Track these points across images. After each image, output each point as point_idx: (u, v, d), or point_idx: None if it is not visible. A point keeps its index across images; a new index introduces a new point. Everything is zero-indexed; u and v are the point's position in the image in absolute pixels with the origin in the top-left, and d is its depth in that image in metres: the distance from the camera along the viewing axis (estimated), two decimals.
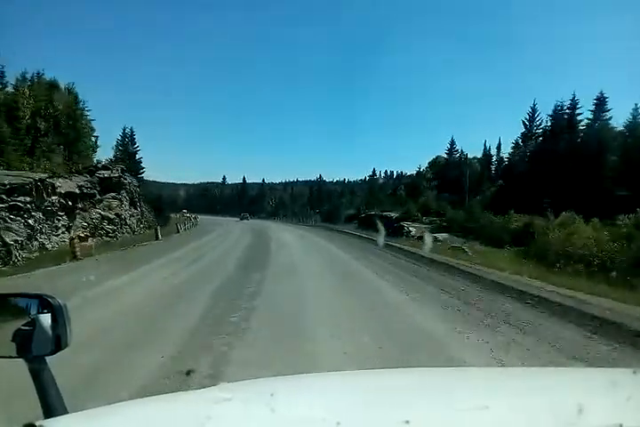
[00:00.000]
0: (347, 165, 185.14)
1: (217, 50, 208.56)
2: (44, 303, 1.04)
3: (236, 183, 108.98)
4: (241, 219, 60.35)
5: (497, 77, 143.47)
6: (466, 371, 1.30)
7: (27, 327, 1.04)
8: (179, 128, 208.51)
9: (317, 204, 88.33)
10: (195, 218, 53.08)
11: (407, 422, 0.59)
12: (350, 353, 4.19)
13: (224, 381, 0.99)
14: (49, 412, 0.92)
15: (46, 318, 1.03)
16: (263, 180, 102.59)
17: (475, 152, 65.64)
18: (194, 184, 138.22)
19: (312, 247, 17.81)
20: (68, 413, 0.89)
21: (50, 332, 1.01)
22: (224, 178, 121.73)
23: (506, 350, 4.41)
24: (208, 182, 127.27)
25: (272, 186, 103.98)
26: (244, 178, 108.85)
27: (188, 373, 3.72)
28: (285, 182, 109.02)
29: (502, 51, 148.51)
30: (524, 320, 5.60)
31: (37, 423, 0.66)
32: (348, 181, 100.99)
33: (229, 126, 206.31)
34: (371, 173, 73.45)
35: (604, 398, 0.68)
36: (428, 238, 16.57)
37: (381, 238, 17.29)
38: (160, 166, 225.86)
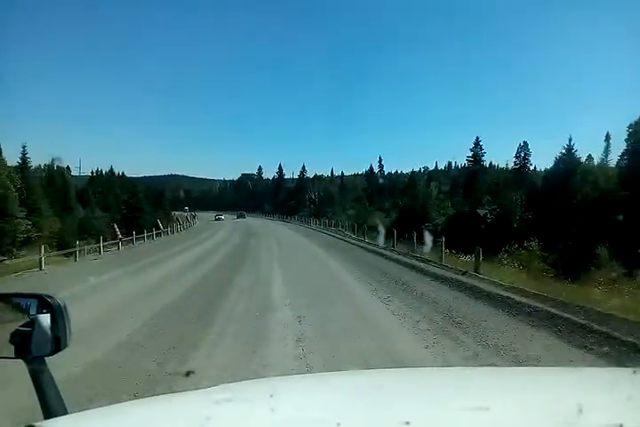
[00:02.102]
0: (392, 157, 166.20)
1: (234, 48, 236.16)
2: (44, 303, 1.10)
3: (275, 177, 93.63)
4: (237, 217, 67.60)
5: None
6: (466, 371, 1.34)
7: (26, 328, 1.10)
8: (214, 126, 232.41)
9: (378, 198, 69.83)
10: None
11: (407, 422, 0.62)
12: None
13: None
14: (48, 413, 0.99)
15: (45, 319, 1.09)
16: (303, 166, 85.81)
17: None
18: (228, 180, 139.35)
19: None
20: (67, 413, 0.97)
21: (49, 332, 1.07)
22: (260, 169, 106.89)
23: None
24: (244, 174, 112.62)
25: (316, 178, 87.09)
26: (280, 167, 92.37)
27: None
28: (332, 176, 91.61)
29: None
30: None
31: (37, 424, 0.72)
32: (401, 173, 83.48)
33: (263, 120, 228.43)
34: (470, 155, 49.55)
35: (604, 397, 0.73)
36: None
37: None
38: (196, 164, 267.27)
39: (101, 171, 70.63)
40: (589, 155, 39.41)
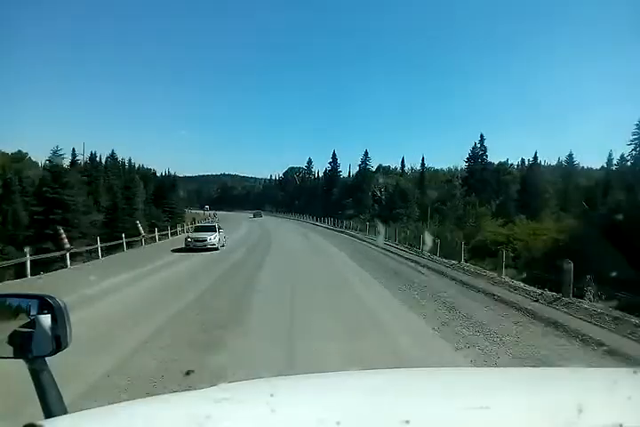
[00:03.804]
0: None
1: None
2: (44, 304, 1.17)
3: (327, 170, 72.83)
4: (254, 216, 65.94)
5: None
6: (466, 371, 1.41)
7: (27, 328, 1.17)
8: (264, 123, 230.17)
9: (483, 195, 46.32)
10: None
11: (407, 421, 0.66)
12: None
13: None
14: (49, 412, 1.06)
15: (46, 319, 1.15)
16: (366, 153, 65.00)
17: None
18: (274, 179, 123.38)
19: None
20: (67, 413, 1.04)
21: (50, 332, 1.14)
22: (309, 162, 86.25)
23: None
24: (292, 168, 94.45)
25: (381, 170, 64.48)
26: (333, 155, 71.46)
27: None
28: (403, 168, 68.69)
29: None
30: None
31: (37, 423, 0.78)
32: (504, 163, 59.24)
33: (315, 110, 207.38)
34: None
35: (605, 397, 0.77)
36: None
37: None
38: (247, 163, 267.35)
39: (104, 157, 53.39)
40: None
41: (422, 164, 70.03)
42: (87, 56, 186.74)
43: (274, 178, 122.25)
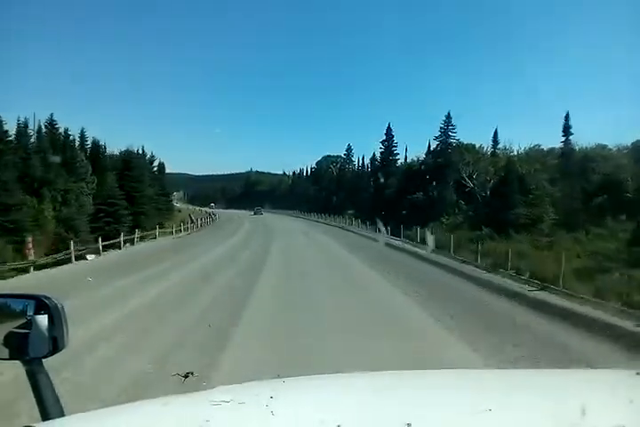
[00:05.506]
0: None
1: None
2: (41, 304, 1.18)
3: (380, 153, 49.78)
4: (254, 213, 63.18)
5: None
6: (467, 373, 1.34)
7: (23, 329, 1.17)
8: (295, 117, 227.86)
9: None
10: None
11: (408, 424, 0.68)
12: None
13: None
14: (46, 414, 1.07)
15: (43, 320, 1.15)
16: (447, 116, 42.65)
17: None
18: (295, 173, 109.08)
19: None
20: (64, 415, 1.06)
21: (46, 333, 1.14)
22: (349, 149, 64.59)
23: None
24: (328, 157, 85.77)
25: (462, 149, 40.66)
26: (387, 130, 48.01)
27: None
28: (495, 144, 43.76)
29: None
30: None
31: (34, 426, 0.79)
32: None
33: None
34: None
35: (607, 399, 0.78)
36: None
37: None
38: (275, 160, 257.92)
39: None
40: None
41: (566, 125, 34.02)
42: (97, 56, 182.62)
43: (304, 171, 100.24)
